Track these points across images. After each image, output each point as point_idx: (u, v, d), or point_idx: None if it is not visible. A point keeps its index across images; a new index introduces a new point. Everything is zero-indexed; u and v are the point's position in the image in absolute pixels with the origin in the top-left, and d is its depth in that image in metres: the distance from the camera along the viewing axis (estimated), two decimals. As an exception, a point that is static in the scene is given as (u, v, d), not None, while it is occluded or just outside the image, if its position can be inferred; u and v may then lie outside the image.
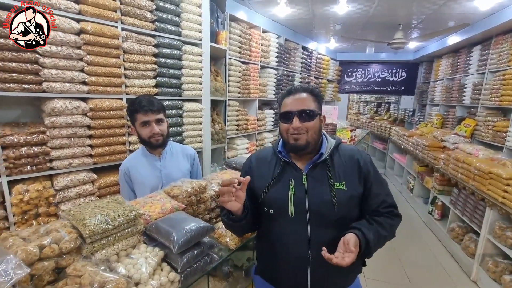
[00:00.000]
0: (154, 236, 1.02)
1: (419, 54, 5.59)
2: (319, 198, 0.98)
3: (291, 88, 1.05)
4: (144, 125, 1.42)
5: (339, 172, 1.01)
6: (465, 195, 2.94)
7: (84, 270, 0.83)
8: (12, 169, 1.53)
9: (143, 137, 1.45)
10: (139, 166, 1.50)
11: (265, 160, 1.10)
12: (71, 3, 1.62)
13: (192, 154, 1.67)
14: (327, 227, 0.99)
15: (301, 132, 0.98)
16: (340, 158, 1.04)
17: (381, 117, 7.49)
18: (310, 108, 0.99)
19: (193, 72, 2.35)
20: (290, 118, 0.99)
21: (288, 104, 1.01)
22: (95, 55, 1.74)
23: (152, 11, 2.00)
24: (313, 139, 1.00)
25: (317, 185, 0.99)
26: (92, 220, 0.92)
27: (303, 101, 1.00)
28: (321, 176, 1.00)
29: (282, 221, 1.01)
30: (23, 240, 0.88)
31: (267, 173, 1.06)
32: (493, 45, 3.55)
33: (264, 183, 1.04)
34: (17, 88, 1.50)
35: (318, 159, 1.02)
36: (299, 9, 3.40)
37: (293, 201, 0.99)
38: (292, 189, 0.99)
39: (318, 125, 1.02)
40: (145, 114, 1.40)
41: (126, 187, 1.51)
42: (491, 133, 3.43)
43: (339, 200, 0.97)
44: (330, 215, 0.97)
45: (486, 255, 2.55)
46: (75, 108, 1.66)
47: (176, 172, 1.52)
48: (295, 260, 1.02)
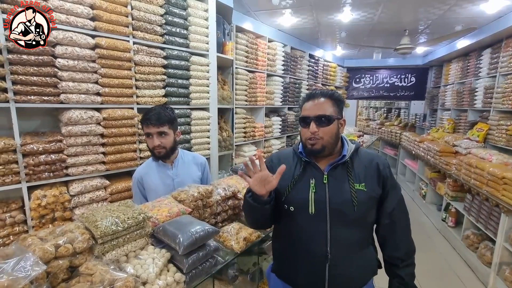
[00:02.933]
0: (161, 238, 1.07)
1: (428, 58, 5.53)
2: (339, 197, 1.01)
3: (311, 92, 1.08)
4: (147, 136, 1.49)
5: (359, 174, 1.04)
6: (479, 201, 2.86)
7: (96, 269, 0.88)
8: (31, 176, 1.63)
9: (148, 146, 1.52)
10: (152, 174, 1.55)
11: (286, 159, 1.13)
12: (87, 21, 1.74)
13: (203, 162, 1.72)
14: (346, 225, 1.02)
15: (317, 137, 1.01)
16: (360, 160, 1.07)
17: (391, 122, 7.39)
18: (326, 114, 1.02)
19: (200, 82, 2.43)
20: (308, 122, 1.03)
21: (306, 109, 1.05)
22: (109, 67, 1.85)
23: (161, 25, 2.11)
24: (329, 143, 1.03)
25: (337, 185, 1.03)
26: (103, 222, 0.98)
27: (320, 106, 1.03)
28: (342, 176, 1.04)
29: (302, 219, 1.04)
30: (41, 240, 0.94)
31: (289, 172, 1.08)
32: (504, 48, 3.49)
33: (286, 181, 1.07)
34: (37, 100, 1.61)
35: (340, 160, 1.05)
36: (304, 18, 3.47)
37: (314, 199, 1.02)
38: (313, 187, 1.03)
39: (335, 129, 1.04)
40: (147, 126, 1.46)
41: (139, 194, 1.55)
42: (505, 137, 3.33)
43: (359, 200, 1.00)
44: (349, 214, 1.00)
45: (503, 263, 2.45)
46: (89, 117, 1.76)
47: (188, 180, 1.57)
48: (313, 257, 1.04)
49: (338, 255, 1.02)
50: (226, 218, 1.51)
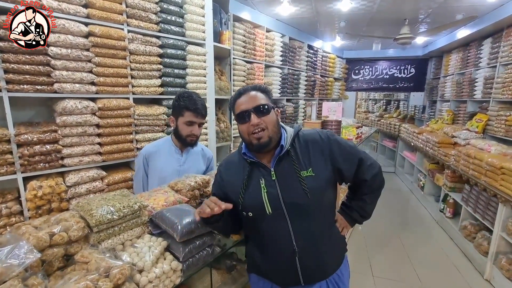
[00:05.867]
0: (159, 223, 1.06)
1: (428, 49, 5.48)
2: (290, 190, 0.99)
3: (240, 89, 1.06)
4: (188, 124, 1.46)
5: (303, 160, 1.01)
6: (477, 192, 2.87)
7: (91, 257, 0.88)
8: (27, 166, 1.61)
9: (181, 132, 1.48)
10: (161, 155, 1.54)
11: (233, 165, 1.10)
12: (79, 8, 1.69)
13: (210, 157, 1.71)
14: (306, 216, 1.00)
15: (262, 127, 0.98)
16: (301, 145, 1.04)
17: (391, 115, 7.36)
18: (263, 103, 1.00)
19: (197, 72, 2.40)
20: (247, 117, 0.99)
21: (242, 104, 1.01)
22: (103, 56, 1.81)
23: (156, 13, 2.06)
24: (274, 132, 1.01)
25: (286, 178, 1.00)
26: (98, 210, 0.97)
27: (255, 98, 1.01)
28: (288, 167, 1.00)
29: (262, 221, 1.02)
30: (35, 228, 0.93)
31: (238, 178, 1.05)
32: (504, 37, 3.45)
33: (237, 188, 1.04)
34: (30, 89, 1.58)
35: (280, 152, 1.02)
36: (303, 7, 3.41)
37: (268, 199, 0.99)
38: (264, 188, 1.00)
39: (275, 118, 1.03)
40: (195, 115, 1.44)
41: (142, 170, 1.55)
42: (504, 128, 3.33)
43: (310, 186, 0.98)
44: (304, 204, 0.99)
45: (499, 253, 2.47)
46: (84, 107, 1.73)
47: (192, 170, 1.56)
48: (282, 255, 1.04)
49: (305, 246, 1.01)
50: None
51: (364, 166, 1.07)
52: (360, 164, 1.06)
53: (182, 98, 1.46)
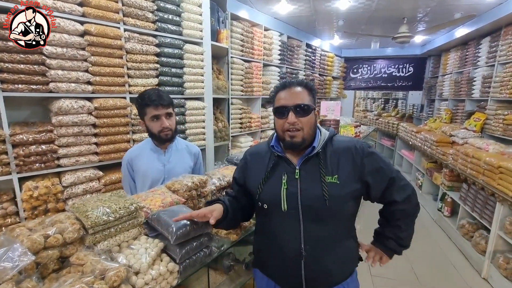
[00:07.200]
0: (155, 226, 1.05)
1: (427, 48, 5.48)
2: (310, 192, 0.96)
3: (285, 81, 1.02)
4: (154, 119, 1.43)
5: (331, 165, 0.98)
6: (474, 191, 2.87)
7: (87, 259, 0.87)
8: (22, 167, 1.59)
9: (152, 131, 1.45)
10: (143, 157, 1.51)
11: (259, 155, 1.09)
12: (75, 6, 1.67)
13: (197, 152, 1.68)
14: (320, 221, 0.97)
15: (297, 127, 0.95)
16: (334, 150, 1.00)
17: (389, 113, 7.37)
18: (305, 103, 0.96)
19: (194, 71, 2.38)
20: (285, 113, 0.96)
21: (282, 98, 0.98)
22: (99, 55, 1.79)
23: (153, 11, 2.05)
24: (309, 134, 0.98)
25: (309, 179, 0.97)
26: (94, 212, 0.96)
27: (298, 95, 0.97)
28: (314, 169, 0.98)
29: (276, 216, 1.01)
30: (29, 230, 0.92)
31: (261, 168, 1.04)
32: (503, 36, 3.45)
33: (259, 178, 1.03)
34: (25, 89, 1.56)
35: (310, 152, 0.99)
36: (301, 5, 3.40)
37: (286, 196, 0.97)
38: (284, 184, 0.98)
39: (313, 120, 1.00)
40: (155, 108, 1.40)
41: (128, 176, 1.53)
42: (501, 127, 3.34)
43: (331, 193, 0.94)
44: (321, 209, 0.95)
45: (497, 251, 2.48)
46: (80, 107, 1.72)
47: (179, 168, 1.54)
48: (288, 255, 1.01)
49: (313, 252, 0.98)
50: (221, 208, 1.50)
51: (395, 186, 1.00)
52: (391, 183, 1.00)
53: (139, 98, 1.45)
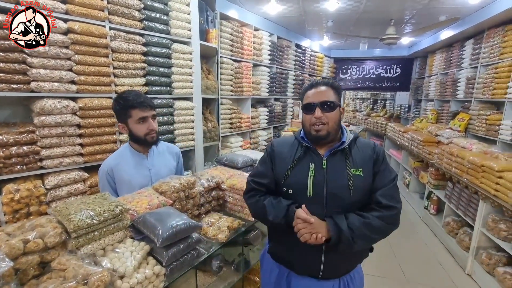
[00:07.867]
0: (141, 228, 1.03)
1: (413, 49, 5.60)
2: (337, 182, 1.04)
3: (313, 82, 1.13)
4: (140, 122, 1.37)
5: (356, 160, 1.07)
6: (459, 189, 2.96)
7: (69, 264, 0.84)
8: (2, 169, 1.53)
9: (138, 134, 1.39)
10: (125, 165, 1.43)
11: (287, 144, 1.17)
12: (58, 3, 1.62)
13: (178, 152, 1.67)
14: (342, 209, 1.04)
15: (322, 122, 1.05)
16: (358, 148, 1.11)
17: (377, 113, 7.50)
18: (330, 100, 1.06)
19: (183, 71, 2.35)
20: (312, 109, 1.06)
21: (310, 96, 1.09)
22: (83, 54, 1.75)
23: (140, 10, 2.01)
24: (334, 129, 1.07)
25: (335, 170, 1.06)
26: (77, 215, 0.93)
27: (324, 93, 1.08)
28: (340, 162, 1.07)
29: (300, 201, 1.06)
30: (8, 235, 0.89)
31: (289, 156, 1.12)
32: (485, 39, 3.56)
33: (286, 166, 1.11)
34: (5, 88, 1.51)
35: (339, 146, 1.08)
36: (290, 6, 3.41)
37: (313, 183, 1.05)
38: (312, 171, 1.06)
39: (338, 116, 1.09)
40: (143, 110, 1.36)
41: (108, 188, 1.41)
42: (484, 127, 3.44)
43: (356, 184, 1.03)
44: (345, 198, 1.03)
45: (480, 248, 2.56)
46: (64, 107, 1.67)
47: (164, 170, 1.51)
48: None
49: None
50: (210, 209, 1.48)
51: (388, 191, 1.05)
52: (387, 186, 1.06)
53: (121, 99, 1.37)
